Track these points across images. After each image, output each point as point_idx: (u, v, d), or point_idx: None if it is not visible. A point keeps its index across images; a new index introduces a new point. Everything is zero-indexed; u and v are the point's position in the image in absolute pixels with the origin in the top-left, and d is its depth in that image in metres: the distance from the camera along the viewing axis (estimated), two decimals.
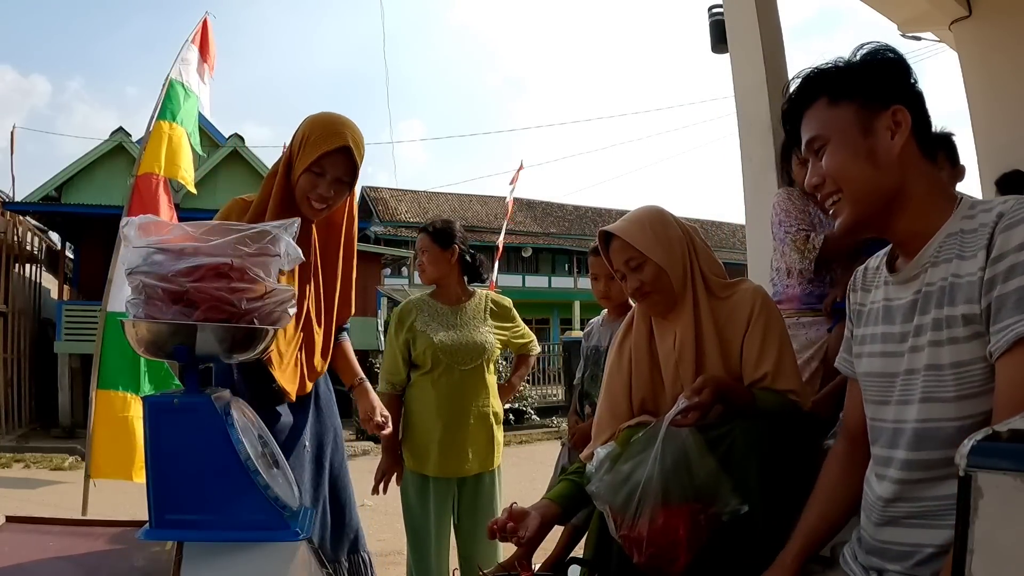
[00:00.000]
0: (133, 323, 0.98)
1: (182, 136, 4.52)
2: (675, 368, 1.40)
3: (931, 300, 0.90)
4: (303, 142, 1.56)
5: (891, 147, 0.92)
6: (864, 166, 0.93)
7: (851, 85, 0.95)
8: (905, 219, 0.94)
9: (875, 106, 0.94)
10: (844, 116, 0.95)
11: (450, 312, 2.33)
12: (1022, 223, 0.82)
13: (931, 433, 0.88)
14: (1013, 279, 0.80)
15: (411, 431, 2.29)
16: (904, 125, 0.92)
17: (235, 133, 14.25)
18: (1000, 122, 3.98)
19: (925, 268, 0.92)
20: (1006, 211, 0.84)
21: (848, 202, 0.95)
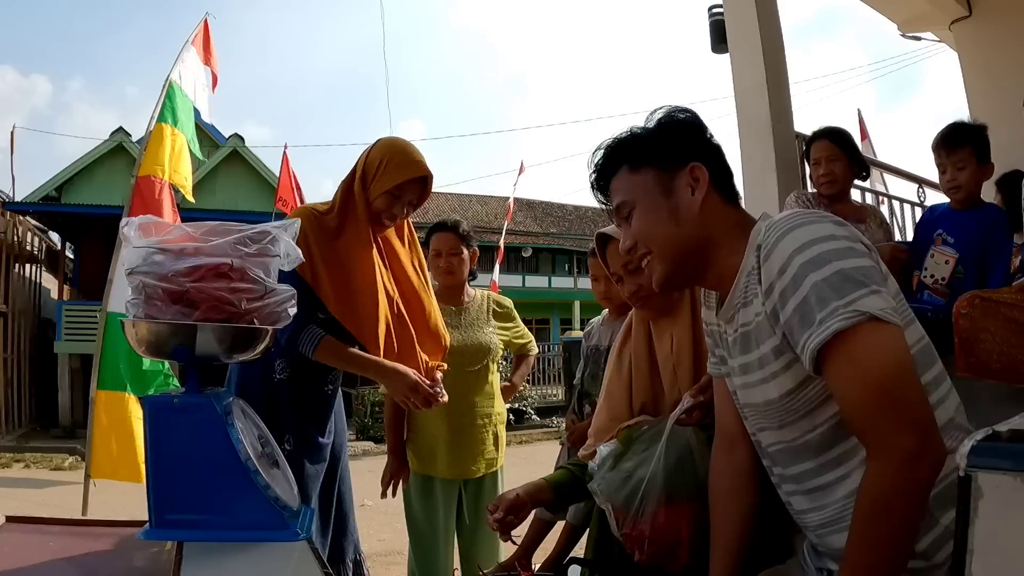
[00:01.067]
0: (133, 323, 0.98)
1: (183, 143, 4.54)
2: (673, 371, 1.40)
3: (750, 340, 0.94)
4: (382, 165, 1.70)
5: (692, 203, 0.97)
6: (668, 225, 0.97)
7: (647, 152, 1.00)
8: (714, 267, 0.98)
9: (672, 167, 0.98)
10: (645, 181, 0.99)
11: (455, 313, 2.32)
12: (774, 249, 0.86)
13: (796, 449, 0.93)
14: (787, 303, 0.83)
15: (417, 433, 2.26)
16: (702, 180, 0.97)
17: (235, 133, 14.27)
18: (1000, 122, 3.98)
19: (737, 308, 0.96)
20: (763, 242, 0.89)
21: (658, 260, 1.00)
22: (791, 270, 0.83)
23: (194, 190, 4.88)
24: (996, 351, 1.75)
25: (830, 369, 0.80)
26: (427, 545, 2.23)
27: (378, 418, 10.80)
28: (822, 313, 0.79)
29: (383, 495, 2.25)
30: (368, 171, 1.70)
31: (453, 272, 2.32)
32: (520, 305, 2.86)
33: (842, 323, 0.77)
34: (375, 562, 4.23)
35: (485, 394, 2.31)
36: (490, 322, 2.38)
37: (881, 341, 0.77)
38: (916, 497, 0.74)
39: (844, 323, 0.77)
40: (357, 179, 1.71)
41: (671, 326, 1.42)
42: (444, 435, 2.22)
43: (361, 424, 10.55)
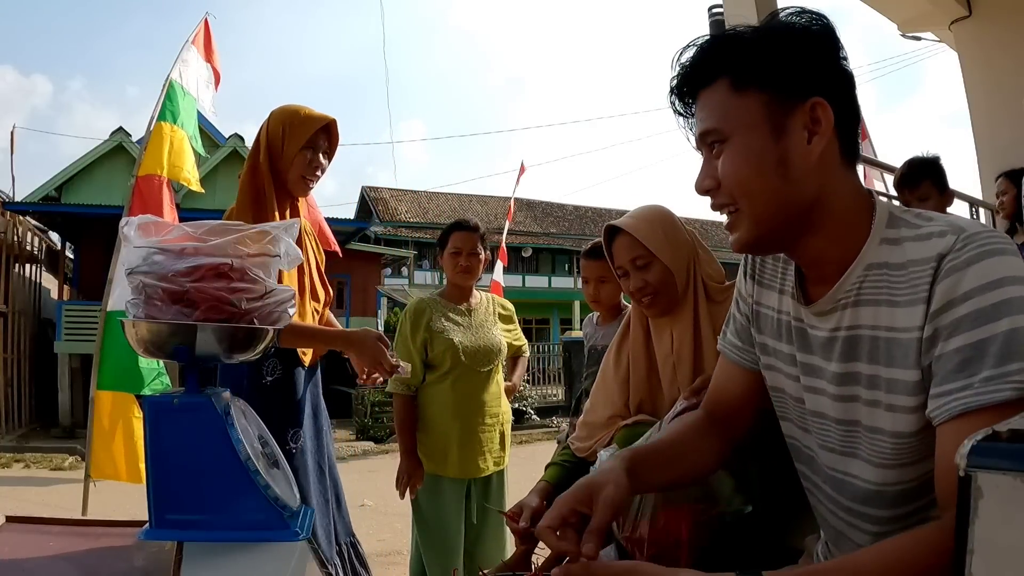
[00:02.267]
0: (133, 323, 0.98)
1: (184, 139, 4.52)
2: (673, 370, 1.40)
3: (859, 349, 0.76)
4: (287, 129, 1.74)
5: (807, 153, 0.74)
6: (771, 179, 0.74)
7: (762, 69, 0.74)
8: (817, 240, 0.78)
9: (791, 99, 0.74)
10: (750, 109, 0.75)
11: (464, 314, 2.33)
12: (967, 267, 0.67)
13: (881, 495, 0.78)
14: (956, 335, 0.66)
15: (427, 434, 2.26)
16: (826, 124, 0.73)
17: (235, 133, 14.28)
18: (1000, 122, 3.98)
19: (843, 305, 0.77)
20: (947, 250, 0.69)
21: (747, 219, 0.77)
22: (987, 299, 0.65)
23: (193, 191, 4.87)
24: None
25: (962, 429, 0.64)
26: (438, 545, 2.23)
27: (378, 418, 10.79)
28: (994, 370, 0.63)
29: (401, 496, 2.25)
30: (274, 142, 1.75)
31: (472, 272, 2.31)
32: (520, 305, 2.88)
33: (1011, 394, 0.62)
34: (375, 562, 4.21)
35: (493, 394, 2.32)
36: (497, 323, 2.40)
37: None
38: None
39: (1013, 394, 0.62)
40: (263, 159, 1.74)
41: (671, 324, 1.42)
42: (456, 435, 2.23)
43: (361, 424, 10.55)
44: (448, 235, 2.34)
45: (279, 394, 1.70)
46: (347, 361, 1.86)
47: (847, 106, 0.76)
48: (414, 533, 2.31)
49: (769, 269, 0.91)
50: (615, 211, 26.38)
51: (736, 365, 0.98)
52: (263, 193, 1.72)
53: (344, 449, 8.81)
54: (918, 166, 2.25)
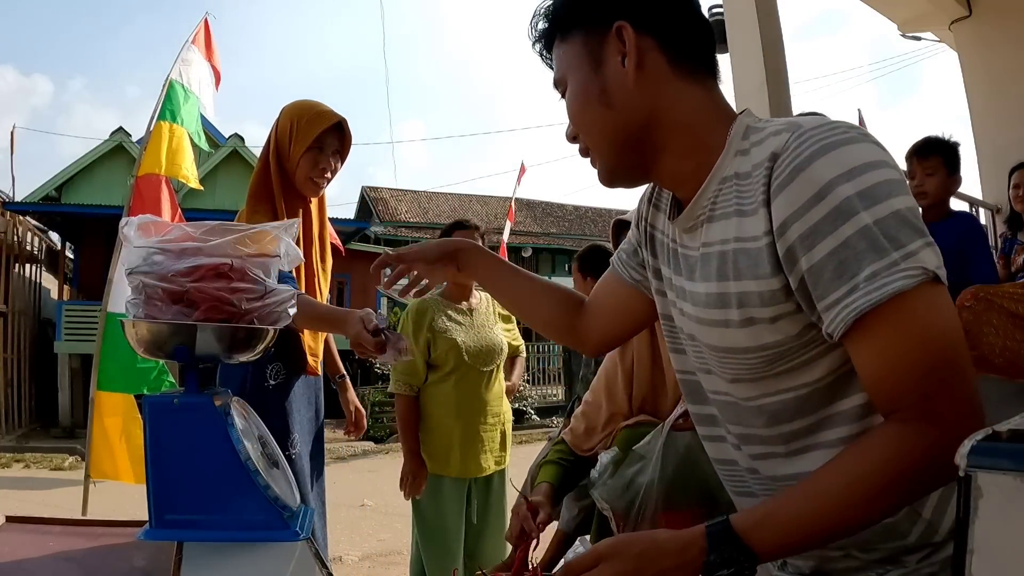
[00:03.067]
0: (133, 323, 0.98)
1: (183, 136, 4.51)
2: None
3: (713, 266, 0.73)
4: (294, 128, 1.68)
5: (623, 76, 0.74)
6: (598, 108, 0.76)
7: (571, 10, 0.79)
8: (668, 158, 0.77)
9: (598, 30, 0.76)
10: (572, 51, 0.79)
11: (465, 313, 2.33)
12: (807, 167, 0.64)
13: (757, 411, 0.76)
14: (820, 241, 0.63)
15: (430, 434, 2.27)
16: (630, 44, 0.74)
17: (235, 133, 14.29)
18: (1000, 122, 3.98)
19: (701, 221, 0.76)
20: (781, 149, 0.66)
21: (595, 154, 0.81)
22: (831, 200, 0.62)
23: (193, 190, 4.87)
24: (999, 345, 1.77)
25: (872, 333, 0.62)
26: (438, 545, 2.23)
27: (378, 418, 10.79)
28: (875, 264, 0.61)
29: (406, 497, 2.25)
30: (282, 140, 1.69)
31: None
32: None
33: (903, 282, 0.60)
34: (375, 562, 4.23)
35: (495, 394, 2.33)
36: (497, 323, 2.40)
37: (943, 304, 0.62)
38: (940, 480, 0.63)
39: (906, 282, 0.60)
40: (272, 157, 1.69)
41: None
42: (458, 435, 2.23)
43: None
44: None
45: (281, 398, 1.69)
46: (348, 360, 1.86)
47: (667, 20, 0.75)
48: (414, 533, 2.32)
49: (664, 194, 0.88)
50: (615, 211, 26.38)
51: (616, 276, 1.00)
52: (272, 193, 1.68)
53: (344, 449, 8.82)
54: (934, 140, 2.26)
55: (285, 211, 1.68)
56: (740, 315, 0.71)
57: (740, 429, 0.80)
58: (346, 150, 1.77)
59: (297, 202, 1.73)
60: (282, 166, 1.69)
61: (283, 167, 1.69)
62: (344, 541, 4.45)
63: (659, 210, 0.88)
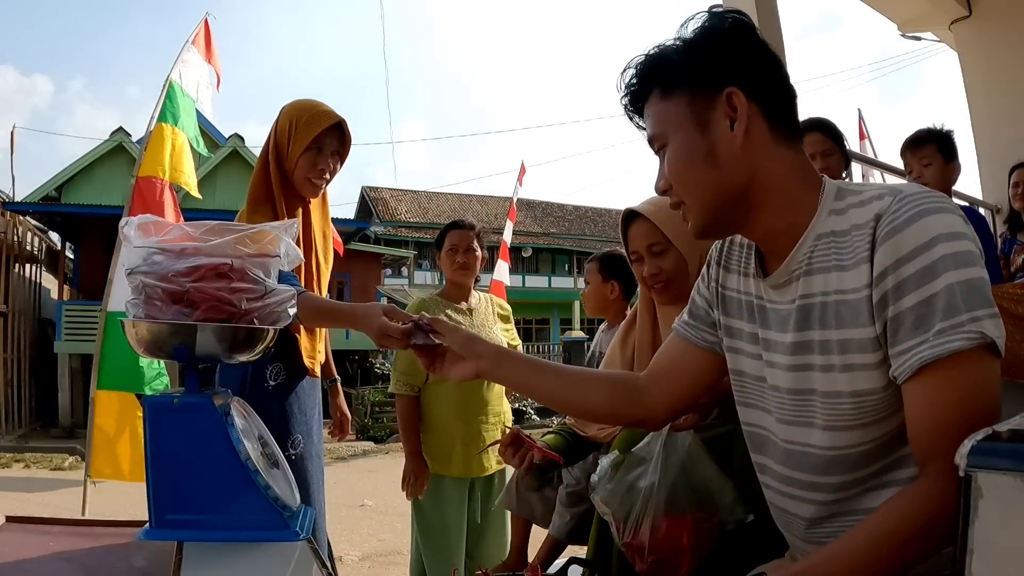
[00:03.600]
0: (133, 323, 0.98)
1: (185, 142, 4.54)
2: None
3: (812, 316, 0.80)
4: (293, 128, 1.66)
5: (731, 139, 0.79)
6: (703, 169, 0.81)
7: (677, 73, 0.82)
8: (764, 217, 0.83)
9: (707, 93, 0.80)
10: (677, 111, 0.82)
11: (465, 313, 2.33)
12: (907, 227, 0.71)
13: (839, 459, 0.81)
14: (907, 295, 0.70)
15: (431, 434, 2.27)
16: (742, 110, 0.79)
17: (235, 133, 14.28)
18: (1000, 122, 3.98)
19: (796, 276, 0.81)
20: (884, 212, 0.74)
21: (693, 210, 0.84)
22: (928, 258, 0.69)
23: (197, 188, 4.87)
24: None
25: (927, 382, 0.70)
26: (439, 545, 2.22)
27: (378, 418, 10.80)
28: (944, 323, 0.68)
29: (409, 497, 2.25)
30: (281, 140, 1.67)
31: (469, 269, 2.32)
32: (520, 305, 2.91)
33: (963, 343, 0.67)
34: (375, 562, 4.23)
35: (496, 393, 2.33)
36: (497, 323, 2.41)
37: (991, 375, 0.69)
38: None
39: (965, 344, 0.67)
40: (271, 157, 1.67)
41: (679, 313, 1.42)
42: (459, 434, 2.23)
43: (361, 424, 10.55)
44: (444, 234, 2.36)
45: (281, 399, 1.68)
46: (347, 360, 1.86)
47: (769, 89, 0.81)
48: (414, 533, 2.31)
49: (735, 255, 0.95)
50: (615, 211, 26.37)
51: (684, 340, 1.02)
52: (272, 194, 1.67)
53: (344, 449, 8.82)
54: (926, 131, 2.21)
55: (286, 211, 1.66)
56: (841, 360, 0.77)
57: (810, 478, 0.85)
58: (346, 151, 1.75)
59: (297, 202, 1.72)
60: (281, 166, 1.67)
61: (282, 167, 1.67)
62: (344, 541, 4.45)
63: (730, 271, 0.95)
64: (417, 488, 2.22)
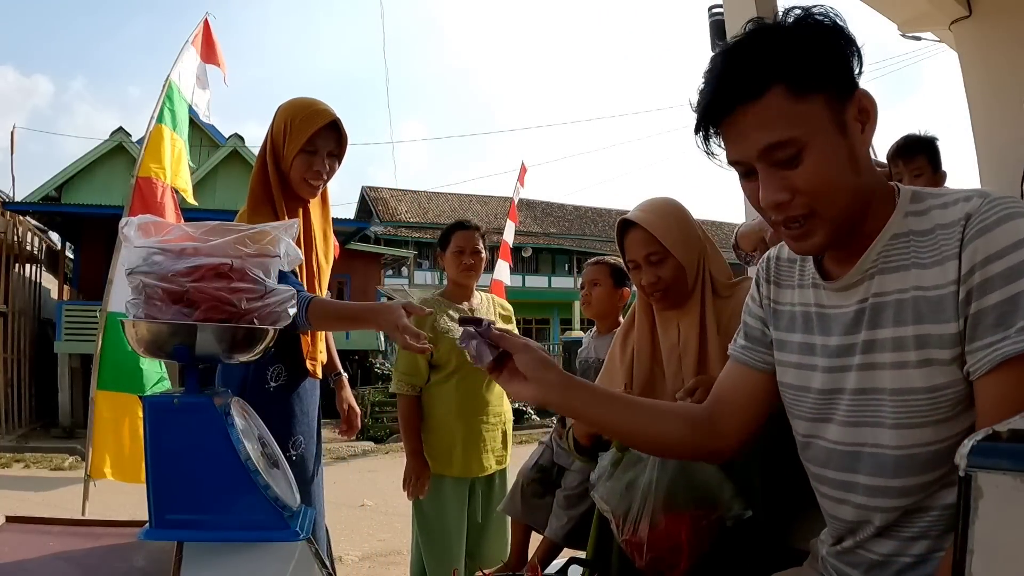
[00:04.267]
0: (133, 323, 0.98)
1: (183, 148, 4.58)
2: (678, 362, 1.40)
3: (885, 315, 0.78)
4: (287, 128, 1.64)
5: (865, 143, 0.77)
6: (849, 175, 0.76)
7: (817, 70, 0.74)
8: (861, 227, 0.81)
9: (844, 94, 0.76)
10: (817, 112, 0.75)
11: (467, 313, 2.34)
12: (997, 227, 0.71)
13: (908, 461, 0.78)
14: (991, 292, 0.70)
15: (432, 434, 2.26)
16: (872, 112, 0.77)
17: (235, 133, 14.27)
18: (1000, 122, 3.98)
19: (870, 275, 0.80)
20: (974, 212, 0.73)
21: (826, 222, 0.78)
22: (1016, 258, 0.69)
23: (194, 190, 4.90)
24: None
25: (1002, 378, 0.69)
26: (439, 545, 2.22)
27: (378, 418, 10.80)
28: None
29: (410, 497, 2.25)
30: (276, 141, 1.65)
31: (475, 270, 2.32)
32: (520, 305, 2.91)
33: None
34: (375, 562, 4.23)
35: (496, 393, 2.33)
36: (497, 323, 2.41)
37: None
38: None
39: None
40: (268, 157, 1.66)
41: (678, 318, 1.42)
42: (460, 434, 2.23)
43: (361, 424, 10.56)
44: (450, 235, 2.35)
45: (282, 400, 1.68)
46: (347, 360, 1.86)
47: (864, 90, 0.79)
48: (414, 533, 2.31)
49: (785, 270, 0.96)
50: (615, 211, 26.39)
51: (744, 365, 1.00)
52: (271, 195, 1.65)
53: (344, 449, 8.82)
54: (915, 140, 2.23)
55: (286, 212, 1.65)
56: (918, 356, 0.76)
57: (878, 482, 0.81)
58: (342, 150, 1.72)
59: (297, 203, 1.71)
60: (278, 167, 1.66)
61: (279, 168, 1.66)
62: (344, 541, 4.45)
63: (782, 286, 0.95)
64: (418, 488, 2.21)
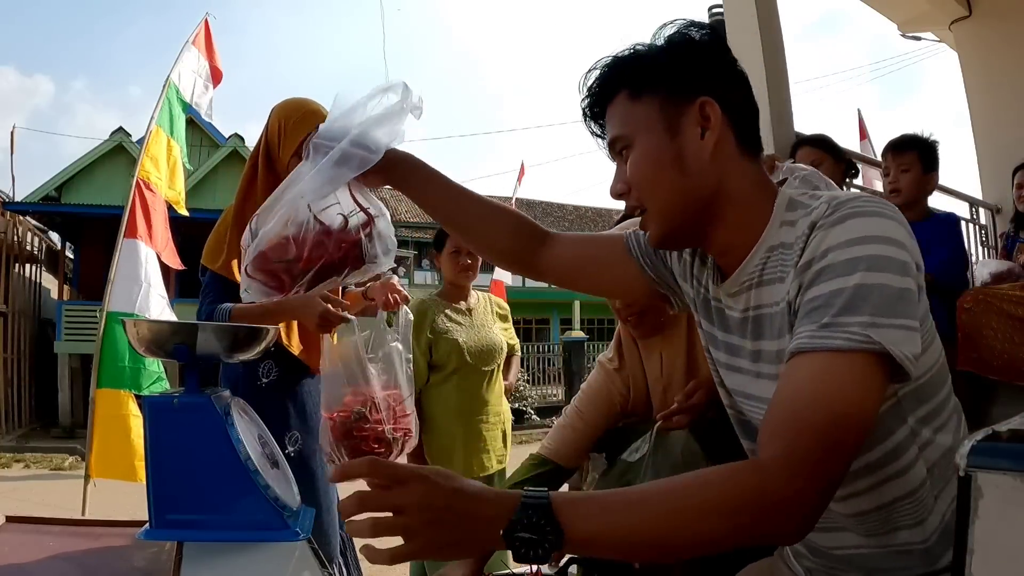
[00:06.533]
0: (134, 322, 0.98)
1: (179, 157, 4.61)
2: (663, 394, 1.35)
3: (763, 327, 0.80)
4: (282, 130, 1.61)
5: (701, 148, 0.79)
6: (670, 174, 0.80)
7: (652, 76, 0.81)
8: (722, 230, 0.82)
9: (680, 99, 0.80)
10: (647, 113, 0.81)
11: (464, 313, 2.33)
12: (832, 228, 0.71)
13: None
14: (813, 287, 0.70)
15: (431, 434, 2.26)
16: (715, 120, 0.79)
17: (235, 133, 14.24)
18: (1000, 122, 3.98)
19: (747, 287, 0.82)
20: (818, 219, 0.73)
21: (655, 216, 0.83)
22: (844, 255, 0.68)
23: (194, 191, 4.94)
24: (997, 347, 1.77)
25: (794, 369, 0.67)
26: None
27: None
28: (834, 319, 0.66)
29: None
30: (272, 141, 1.63)
31: (471, 271, 2.32)
32: (520, 305, 2.91)
33: (846, 343, 0.65)
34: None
35: (496, 393, 2.34)
36: (496, 322, 2.41)
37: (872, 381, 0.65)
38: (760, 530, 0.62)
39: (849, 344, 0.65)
40: (261, 157, 1.64)
41: (661, 346, 1.36)
42: (460, 435, 2.23)
43: None
44: (446, 235, 2.35)
45: (275, 396, 1.68)
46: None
47: (739, 103, 0.82)
48: None
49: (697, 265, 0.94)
50: (615, 211, 26.35)
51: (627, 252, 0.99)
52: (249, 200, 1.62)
53: None
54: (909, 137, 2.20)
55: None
56: (772, 370, 0.78)
57: None
58: None
59: None
60: (273, 169, 1.63)
61: (274, 169, 1.63)
62: None
63: (705, 265, 0.92)
64: None
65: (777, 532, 0.63)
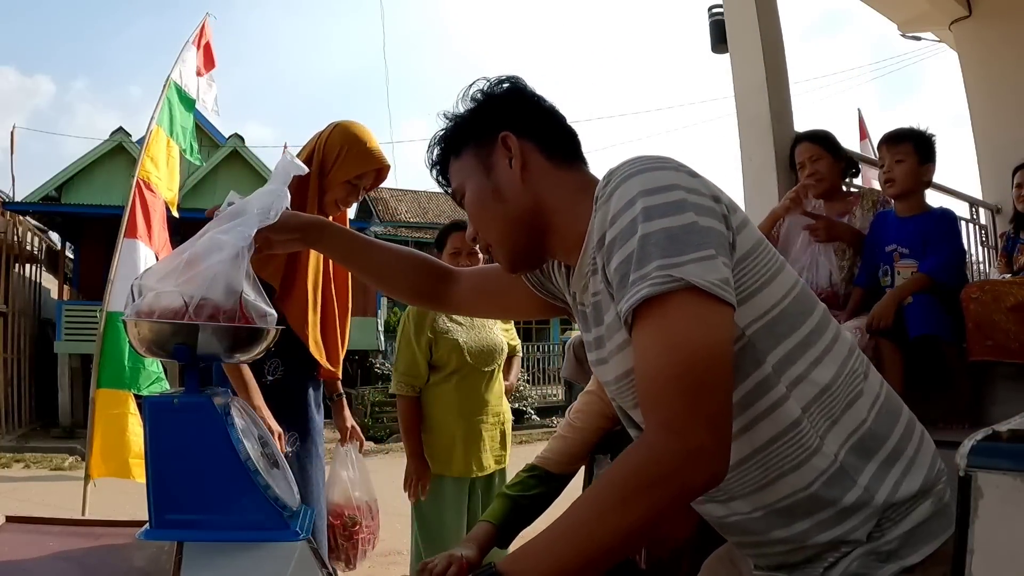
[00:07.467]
0: (135, 323, 0.98)
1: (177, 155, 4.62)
2: None
3: (601, 313, 0.87)
4: (341, 153, 1.69)
5: (511, 175, 0.89)
6: (494, 205, 0.90)
7: (461, 133, 0.94)
8: (557, 238, 0.91)
9: (485, 141, 0.91)
10: (468, 163, 0.93)
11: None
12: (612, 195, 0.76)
13: None
14: (613, 258, 0.74)
15: (432, 434, 2.27)
16: (515, 148, 0.89)
17: (235, 133, 14.25)
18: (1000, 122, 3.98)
19: (588, 276, 0.88)
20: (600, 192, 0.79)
21: (495, 246, 0.93)
22: (627, 216, 0.72)
23: (194, 190, 4.95)
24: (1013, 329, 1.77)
25: (636, 335, 0.71)
26: (439, 544, 2.22)
27: (378, 418, 10.80)
28: (635, 275, 0.70)
29: (411, 498, 2.25)
30: (327, 159, 1.70)
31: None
32: None
33: (652, 289, 0.68)
34: (375, 562, 4.23)
35: (496, 393, 2.34)
36: (496, 323, 2.41)
37: (698, 314, 0.67)
38: (676, 493, 0.66)
39: (654, 289, 0.68)
40: (315, 167, 1.69)
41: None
42: (460, 435, 2.23)
43: (361, 424, 10.55)
44: (446, 236, 2.35)
45: (279, 395, 1.68)
46: (348, 360, 1.86)
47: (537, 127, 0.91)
48: (414, 533, 2.31)
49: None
50: None
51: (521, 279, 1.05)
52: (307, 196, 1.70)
53: None
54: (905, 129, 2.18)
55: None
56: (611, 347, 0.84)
57: None
58: (376, 187, 1.84)
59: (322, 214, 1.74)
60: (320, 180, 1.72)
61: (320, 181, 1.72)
62: None
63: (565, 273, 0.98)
64: (420, 489, 2.22)
65: (695, 485, 0.66)
